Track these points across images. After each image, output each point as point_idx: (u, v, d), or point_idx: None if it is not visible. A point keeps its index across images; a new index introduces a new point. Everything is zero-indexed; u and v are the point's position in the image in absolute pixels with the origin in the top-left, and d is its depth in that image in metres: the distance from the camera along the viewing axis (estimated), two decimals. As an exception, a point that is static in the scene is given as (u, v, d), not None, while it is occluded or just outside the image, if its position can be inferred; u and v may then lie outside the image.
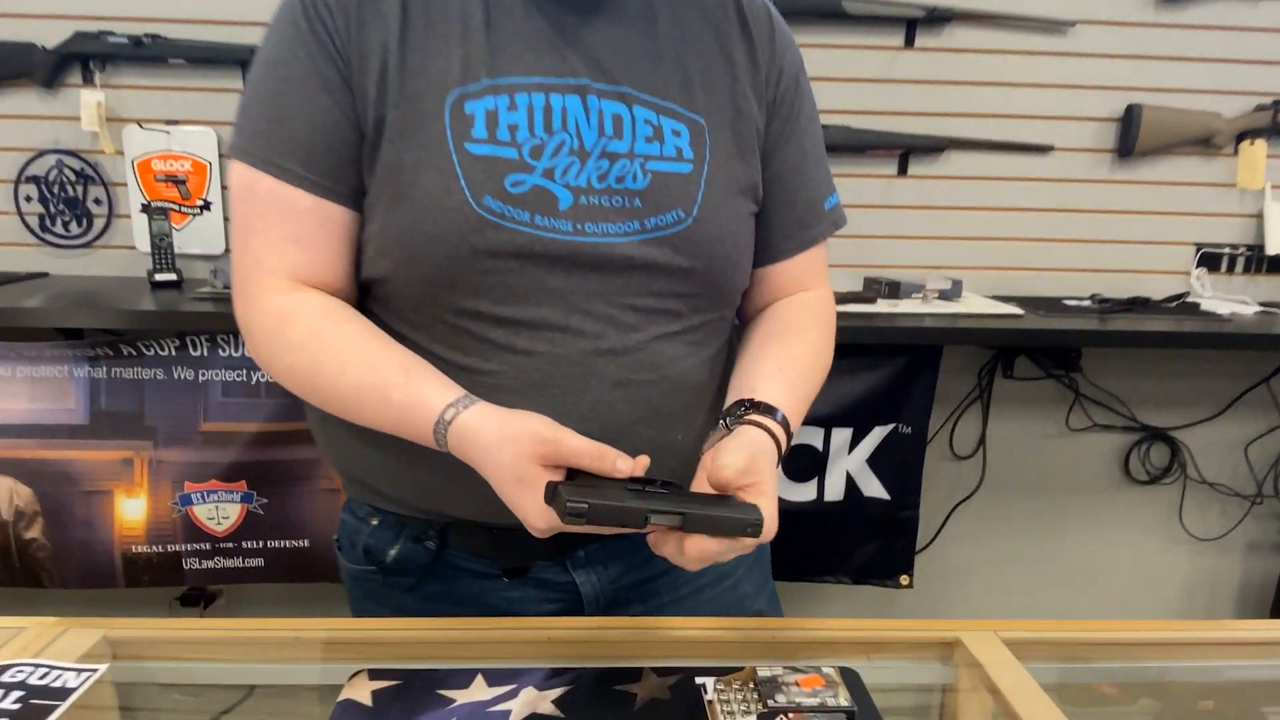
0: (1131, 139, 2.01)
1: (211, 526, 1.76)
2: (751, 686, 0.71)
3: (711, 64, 0.83)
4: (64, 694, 0.69)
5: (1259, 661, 0.89)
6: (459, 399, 0.72)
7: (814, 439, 1.83)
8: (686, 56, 0.82)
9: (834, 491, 1.86)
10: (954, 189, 2.05)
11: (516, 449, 0.67)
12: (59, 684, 0.70)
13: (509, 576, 0.87)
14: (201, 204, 1.93)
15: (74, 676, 0.72)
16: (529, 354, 0.77)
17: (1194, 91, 2.02)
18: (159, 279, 1.83)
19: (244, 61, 1.85)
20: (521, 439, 0.68)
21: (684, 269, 0.80)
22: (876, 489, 1.88)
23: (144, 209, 1.86)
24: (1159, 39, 1.99)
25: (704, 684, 0.73)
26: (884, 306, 1.85)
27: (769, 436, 0.76)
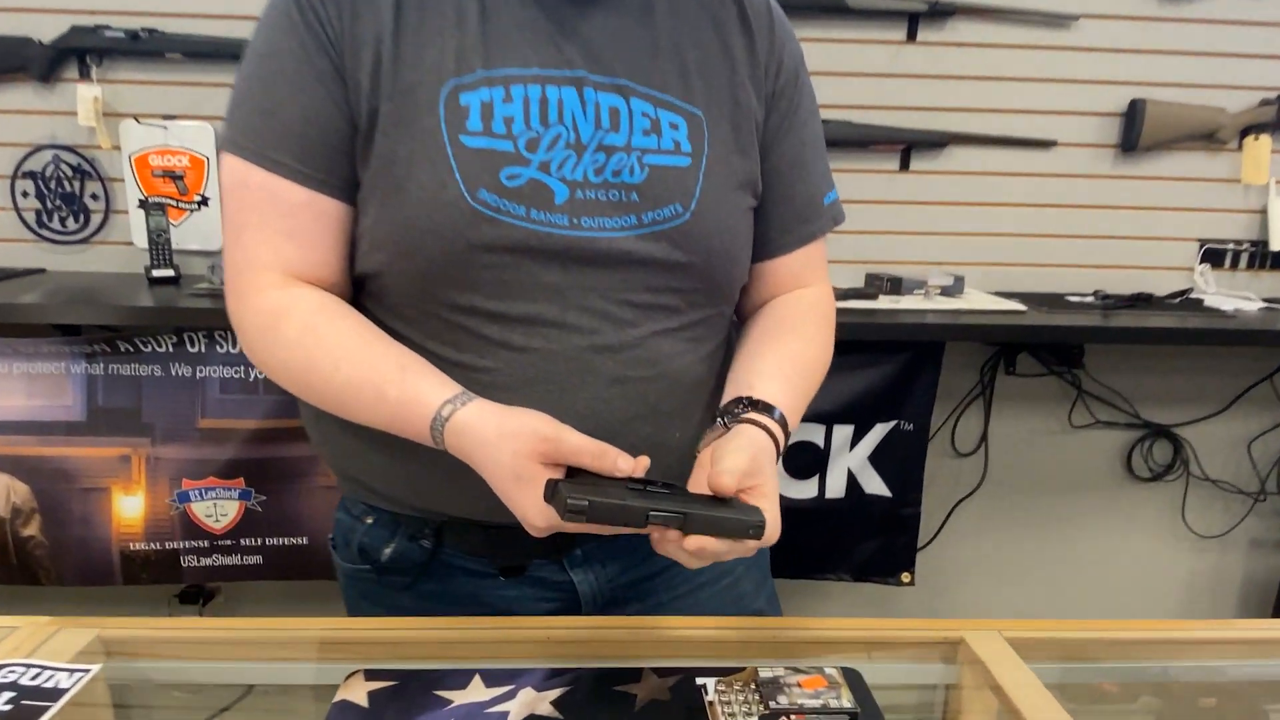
0: (1135, 134, 2.00)
1: (209, 524, 1.75)
2: (753, 687, 0.70)
3: (710, 56, 0.81)
4: (56, 694, 0.68)
5: (1264, 661, 0.89)
6: (456, 396, 0.71)
7: (815, 436, 1.82)
8: (684, 48, 0.80)
9: (835, 489, 1.86)
10: (956, 184, 2.04)
11: (516, 446, 0.66)
12: (51, 684, 0.70)
13: (505, 575, 0.87)
14: (199, 199, 1.93)
15: (66, 677, 0.71)
16: (524, 350, 0.76)
17: (1198, 86, 2.00)
18: (156, 275, 1.83)
19: (241, 56, 1.84)
20: (521, 436, 0.67)
21: (682, 264, 0.79)
22: (878, 486, 1.87)
23: (141, 204, 1.85)
24: (1163, 33, 1.98)
25: (704, 685, 0.72)
26: (886, 303, 1.84)
27: (768, 436, 0.75)
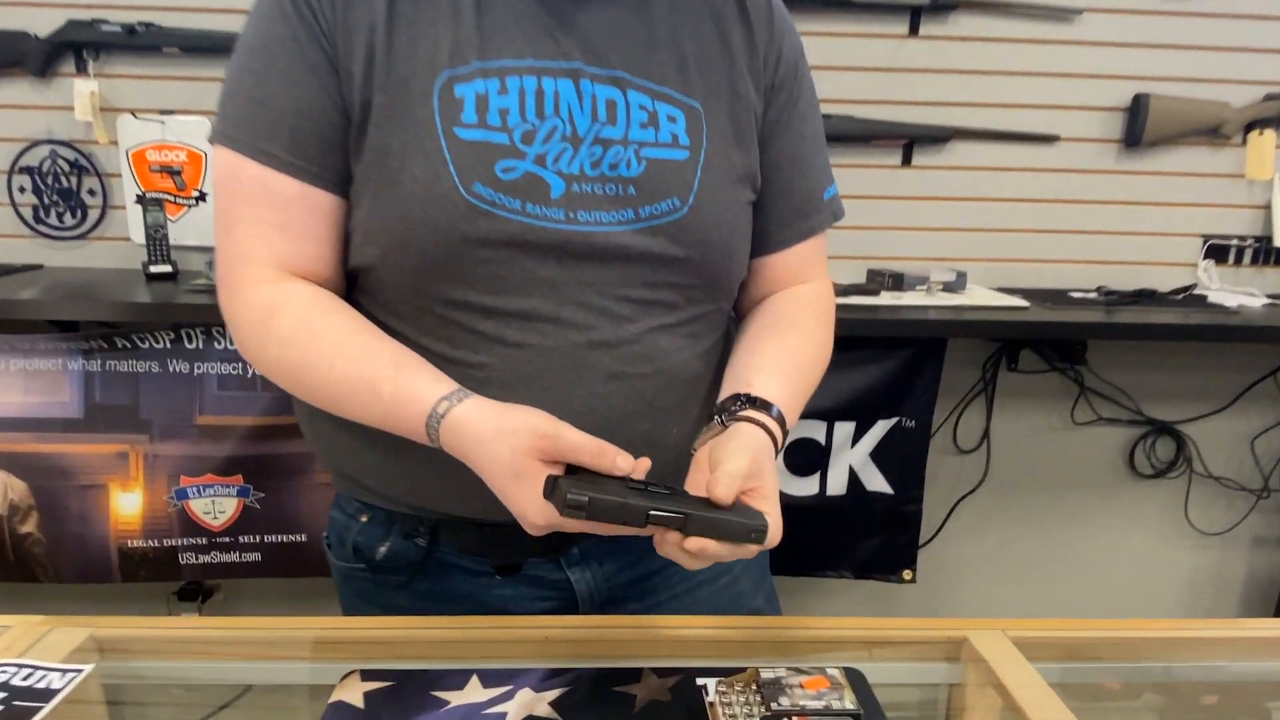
0: (1138, 129, 1.98)
1: (208, 521, 1.75)
2: (754, 688, 0.69)
3: (708, 48, 0.80)
4: (48, 695, 0.68)
5: (1268, 661, 0.88)
6: (452, 393, 0.70)
7: (817, 433, 1.81)
8: (682, 40, 0.79)
9: (837, 486, 1.85)
10: (959, 179, 2.03)
11: (515, 443, 0.65)
12: (43, 684, 0.69)
13: (501, 574, 0.86)
14: (197, 195, 1.91)
15: (59, 677, 0.70)
16: (519, 346, 0.75)
17: (1202, 81, 1.99)
18: (154, 271, 1.82)
19: (238, 50, 1.84)
20: (520, 433, 0.66)
21: (679, 259, 0.78)
22: (879, 483, 1.87)
23: (139, 200, 1.85)
24: (1167, 27, 1.97)
25: (705, 685, 0.72)
26: (887, 299, 1.83)
27: (766, 434, 0.74)
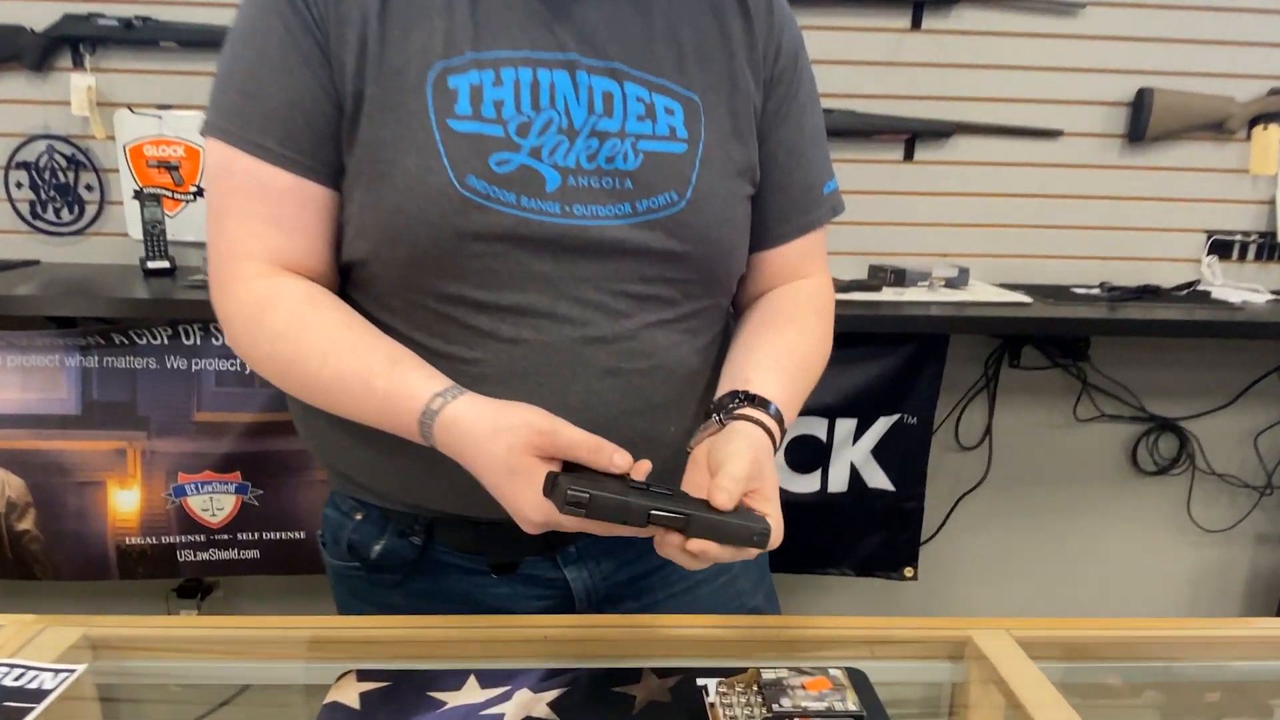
0: (1142, 123, 1.97)
1: (206, 518, 1.74)
2: (755, 689, 0.68)
3: (707, 39, 0.79)
4: (40, 696, 0.67)
5: (1272, 660, 0.87)
6: (447, 389, 0.69)
7: (818, 429, 1.80)
8: (680, 31, 0.78)
9: (838, 483, 1.84)
10: (961, 174, 2.02)
11: (511, 440, 0.65)
12: (35, 685, 0.68)
13: (497, 573, 0.85)
14: (195, 190, 1.90)
15: (51, 677, 0.69)
16: (514, 342, 0.74)
17: (1206, 75, 1.98)
18: (152, 266, 1.81)
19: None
20: (517, 430, 0.65)
21: (677, 253, 0.77)
22: (881, 480, 1.86)
23: (136, 195, 1.84)
24: (1171, 21, 1.95)
25: (705, 686, 0.71)
26: (889, 295, 1.82)
27: (765, 433, 0.73)
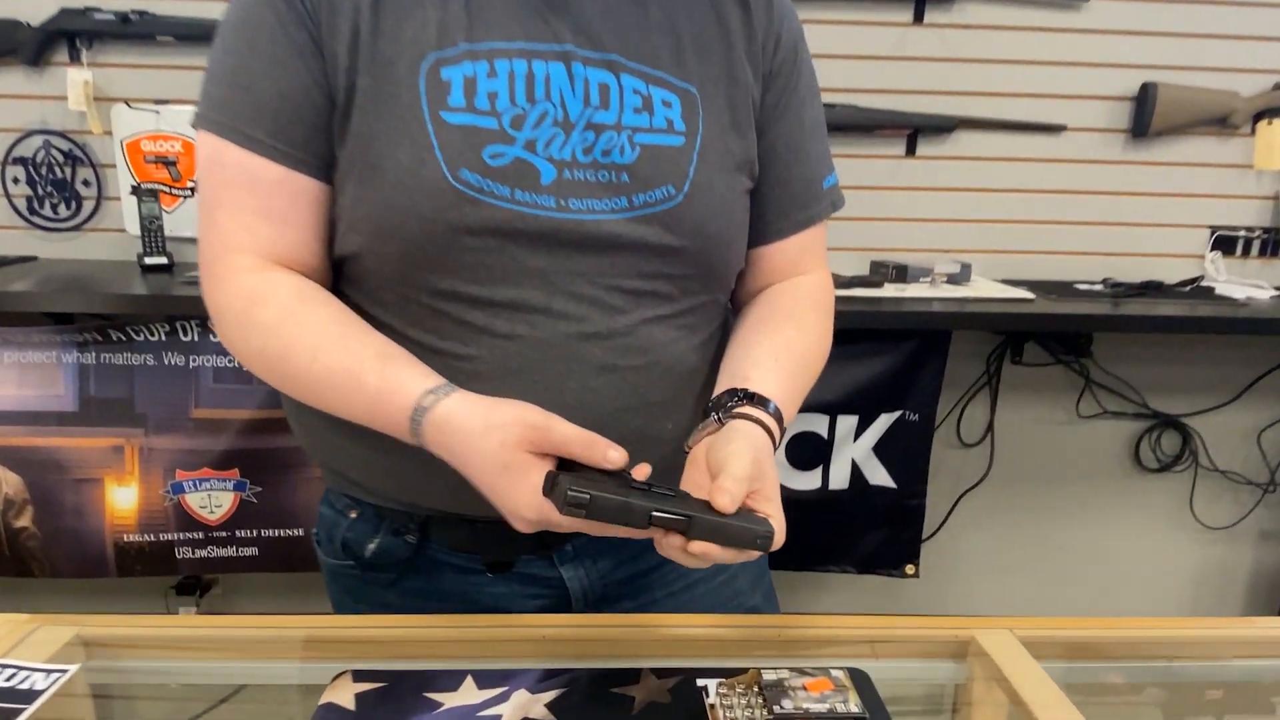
0: (1146, 118, 1.96)
1: (204, 515, 1.73)
2: (756, 690, 0.67)
3: (705, 31, 0.78)
4: (31, 696, 0.66)
5: (1276, 660, 0.86)
6: (439, 387, 0.68)
7: (819, 426, 1.79)
8: (678, 22, 0.77)
9: (839, 480, 1.84)
10: (963, 170, 2.01)
11: (504, 436, 0.64)
12: (26, 685, 0.67)
13: (493, 571, 0.84)
14: (193, 186, 1.90)
15: (43, 677, 0.68)
16: (509, 337, 0.73)
17: (1211, 69, 1.97)
18: (149, 262, 1.81)
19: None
20: (510, 425, 0.64)
21: (674, 248, 0.75)
22: (882, 477, 1.85)
23: (134, 191, 1.83)
24: (1175, 15, 1.94)
25: (706, 686, 0.70)
26: (891, 291, 1.82)
27: (764, 432, 0.72)
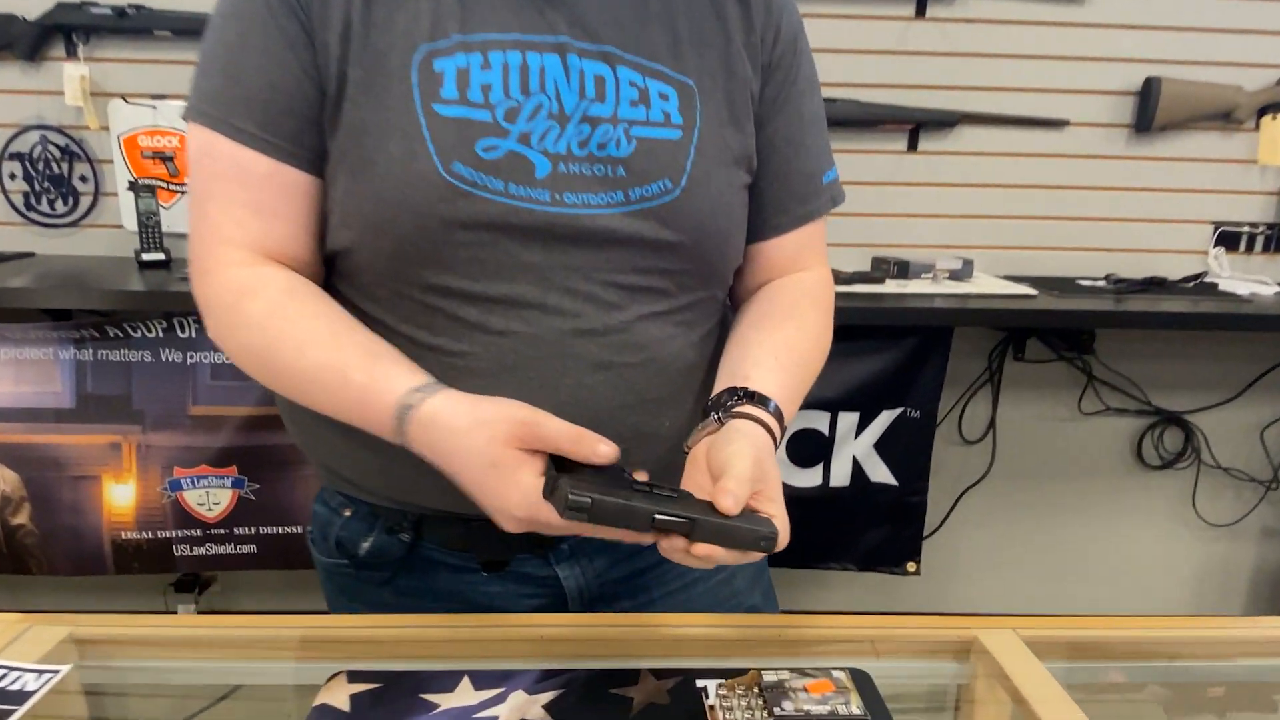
0: (1149, 113, 1.95)
1: (202, 512, 1.73)
2: (756, 691, 0.66)
3: (703, 23, 0.77)
4: (22, 697, 0.65)
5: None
6: (426, 384, 0.67)
7: (820, 423, 1.79)
8: (676, 15, 0.76)
9: (840, 477, 1.83)
10: (965, 165, 2.00)
11: (492, 432, 0.63)
12: (17, 686, 0.66)
13: (488, 570, 0.83)
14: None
15: (35, 678, 0.67)
16: (503, 334, 0.72)
17: (1214, 64, 1.96)
18: (146, 258, 1.80)
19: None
20: (498, 421, 0.63)
21: (671, 243, 0.74)
22: (884, 474, 1.84)
23: (131, 187, 1.82)
24: (1178, 9, 1.93)
25: (705, 687, 0.69)
26: (892, 287, 1.81)
27: (765, 432, 0.71)
